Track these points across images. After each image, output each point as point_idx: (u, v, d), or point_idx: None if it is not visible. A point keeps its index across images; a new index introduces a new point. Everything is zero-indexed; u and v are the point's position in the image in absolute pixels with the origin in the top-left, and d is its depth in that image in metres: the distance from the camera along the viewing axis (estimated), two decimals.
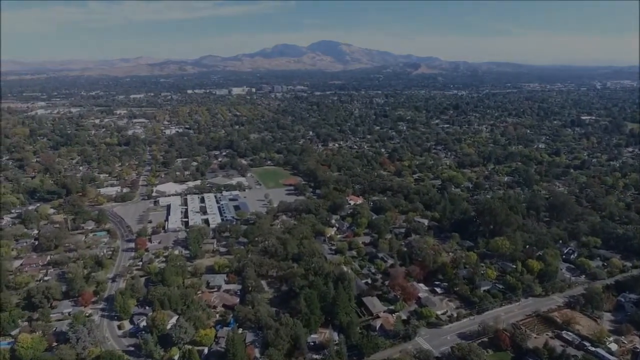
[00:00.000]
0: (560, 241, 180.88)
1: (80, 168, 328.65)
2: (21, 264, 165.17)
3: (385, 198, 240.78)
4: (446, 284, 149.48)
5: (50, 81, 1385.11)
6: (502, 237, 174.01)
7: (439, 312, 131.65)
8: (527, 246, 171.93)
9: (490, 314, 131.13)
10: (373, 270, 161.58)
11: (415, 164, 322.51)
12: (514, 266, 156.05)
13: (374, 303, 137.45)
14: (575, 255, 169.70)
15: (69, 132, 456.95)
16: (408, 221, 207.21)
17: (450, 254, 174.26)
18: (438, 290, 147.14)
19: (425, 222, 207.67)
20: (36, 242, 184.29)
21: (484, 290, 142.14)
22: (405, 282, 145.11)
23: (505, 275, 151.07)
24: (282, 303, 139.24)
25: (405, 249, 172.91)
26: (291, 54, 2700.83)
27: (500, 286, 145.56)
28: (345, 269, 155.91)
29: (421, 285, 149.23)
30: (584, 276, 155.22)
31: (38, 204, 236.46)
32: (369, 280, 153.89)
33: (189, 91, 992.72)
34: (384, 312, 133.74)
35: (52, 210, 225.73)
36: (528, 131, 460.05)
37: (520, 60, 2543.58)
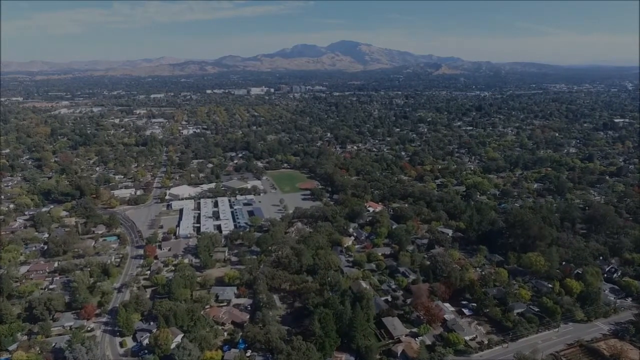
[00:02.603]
0: (601, 257, 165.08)
1: (97, 168, 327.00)
2: (28, 270, 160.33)
3: (406, 205, 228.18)
4: (474, 304, 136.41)
5: (75, 81, 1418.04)
6: (535, 252, 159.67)
7: (467, 338, 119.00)
8: (563, 263, 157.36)
9: (526, 341, 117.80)
10: (393, 287, 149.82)
11: (437, 169, 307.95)
12: (550, 286, 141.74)
13: (394, 325, 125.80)
14: (619, 274, 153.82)
15: (88, 131, 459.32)
16: (431, 231, 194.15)
17: (477, 269, 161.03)
18: (465, 311, 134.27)
19: (450, 232, 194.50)
20: (45, 247, 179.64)
21: (518, 313, 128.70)
22: (429, 302, 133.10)
23: (540, 296, 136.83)
24: (295, 321, 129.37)
25: (428, 263, 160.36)
26: (310, 54, 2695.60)
27: (536, 309, 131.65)
28: (363, 284, 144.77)
29: (447, 305, 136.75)
30: (630, 299, 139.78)
31: (52, 206, 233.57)
32: (389, 298, 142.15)
33: (208, 91, 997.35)
34: (406, 335, 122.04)
35: (64, 213, 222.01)
36: (557, 134, 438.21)
37: (544, 60, 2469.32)
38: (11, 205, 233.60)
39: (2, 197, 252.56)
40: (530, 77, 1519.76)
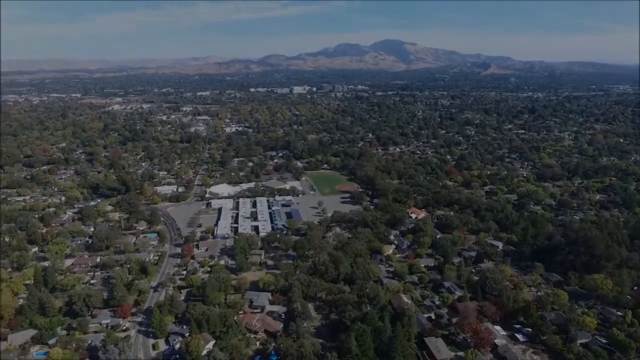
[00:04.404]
0: None
1: (143, 164, 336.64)
2: (72, 264, 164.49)
3: (452, 213, 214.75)
4: (529, 329, 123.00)
5: (128, 79, 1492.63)
6: (601, 273, 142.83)
7: None
8: (635, 288, 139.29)
9: None
10: (437, 303, 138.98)
11: (486, 174, 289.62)
12: (621, 315, 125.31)
13: (438, 347, 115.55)
14: None
15: (137, 127, 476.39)
16: (479, 243, 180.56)
17: (532, 289, 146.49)
18: (519, 337, 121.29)
19: (500, 245, 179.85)
20: (90, 241, 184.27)
21: (581, 344, 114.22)
22: (477, 323, 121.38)
23: (609, 326, 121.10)
24: (330, 334, 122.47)
25: (476, 279, 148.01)
26: (353, 54, 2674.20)
27: (603, 340, 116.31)
28: (404, 299, 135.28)
29: (497, 328, 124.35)
30: None
31: (99, 200, 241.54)
32: (433, 316, 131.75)
33: (252, 89, 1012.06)
34: (451, 359, 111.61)
35: (110, 207, 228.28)
36: (621, 140, 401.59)
37: (604, 60, 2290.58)
38: (62, 198, 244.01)
39: (55, 189, 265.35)
40: (589, 77, 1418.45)
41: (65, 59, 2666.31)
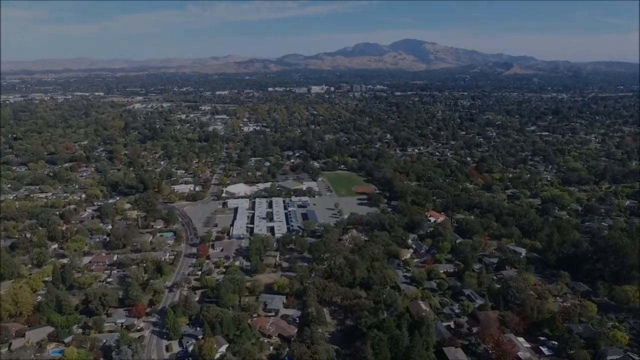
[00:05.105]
0: None
1: (162, 163, 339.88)
2: (90, 262, 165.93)
3: (472, 217, 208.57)
4: (555, 342, 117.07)
5: (150, 78, 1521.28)
6: (632, 284, 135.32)
7: None
8: None
9: None
10: (457, 311, 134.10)
11: (507, 177, 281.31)
12: None
13: (457, 357, 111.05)
14: None
15: (157, 126, 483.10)
16: (501, 249, 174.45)
17: (558, 298, 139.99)
18: (544, 350, 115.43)
19: (523, 252, 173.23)
20: (107, 239, 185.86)
21: None
22: (499, 333, 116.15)
23: None
24: (345, 341, 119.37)
25: (498, 287, 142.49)
26: (372, 53, 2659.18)
27: (636, 357, 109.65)
28: (423, 306, 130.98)
29: (520, 339, 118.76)
30: None
31: (118, 198, 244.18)
32: (452, 325, 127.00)
33: (270, 89, 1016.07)
34: None
35: (128, 206, 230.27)
36: None
37: (634, 59, 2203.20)
38: (83, 195, 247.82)
39: (76, 186, 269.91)
40: (617, 77, 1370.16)
41: (90, 59, 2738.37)
